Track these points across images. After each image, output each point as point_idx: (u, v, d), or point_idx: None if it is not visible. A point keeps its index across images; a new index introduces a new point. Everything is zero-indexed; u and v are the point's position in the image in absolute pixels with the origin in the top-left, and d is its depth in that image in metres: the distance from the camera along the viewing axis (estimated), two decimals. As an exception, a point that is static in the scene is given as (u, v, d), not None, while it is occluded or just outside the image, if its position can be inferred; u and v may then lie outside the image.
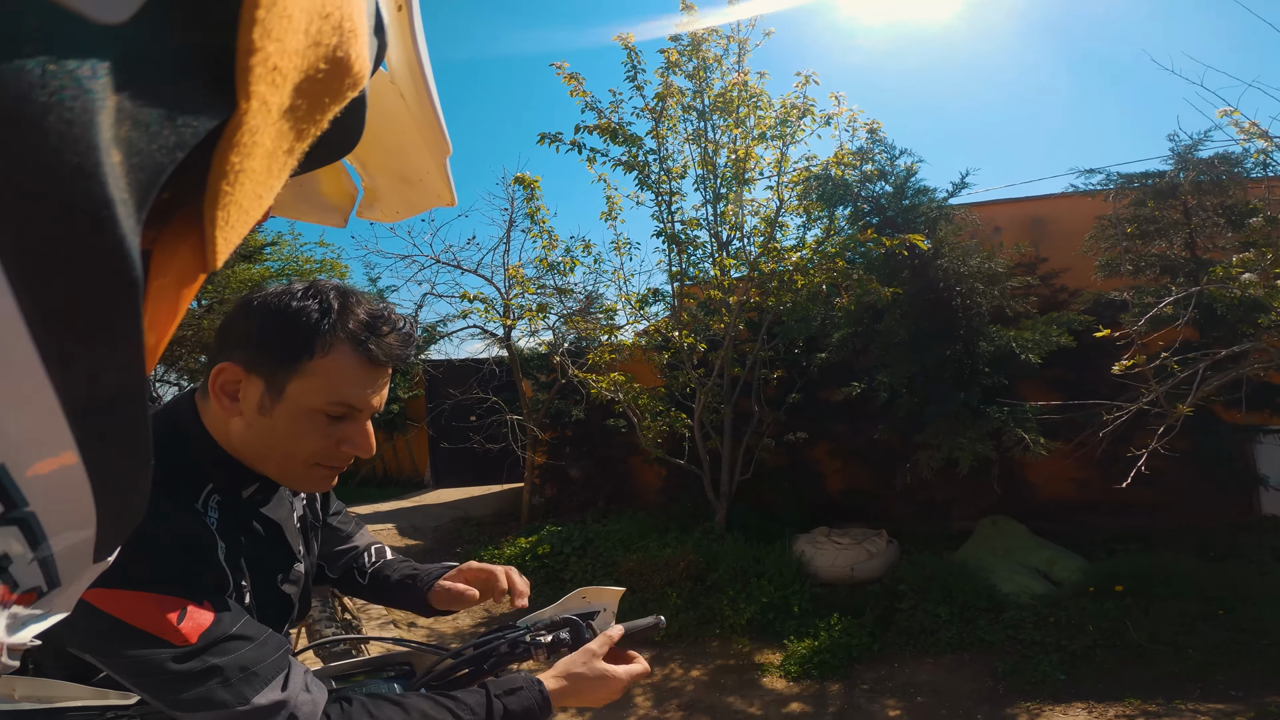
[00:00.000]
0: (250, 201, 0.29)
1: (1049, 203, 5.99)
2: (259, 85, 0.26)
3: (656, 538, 5.51)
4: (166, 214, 0.29)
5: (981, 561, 4.15)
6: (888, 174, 5.57)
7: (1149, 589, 3.47)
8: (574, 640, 0.93)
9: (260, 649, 0.71)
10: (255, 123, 0.26)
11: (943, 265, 5.24)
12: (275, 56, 0.26)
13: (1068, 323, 4.95)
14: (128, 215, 0.21)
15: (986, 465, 4.52)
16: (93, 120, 0.20)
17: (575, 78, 5.05)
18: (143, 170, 0.22)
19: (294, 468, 0.81)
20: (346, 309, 0.78)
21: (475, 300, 6.54)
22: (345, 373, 0.77)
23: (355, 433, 0.81)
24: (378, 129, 0.66)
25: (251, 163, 0.27)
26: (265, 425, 0.78)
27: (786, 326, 5.92)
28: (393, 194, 0.79)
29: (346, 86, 0.31)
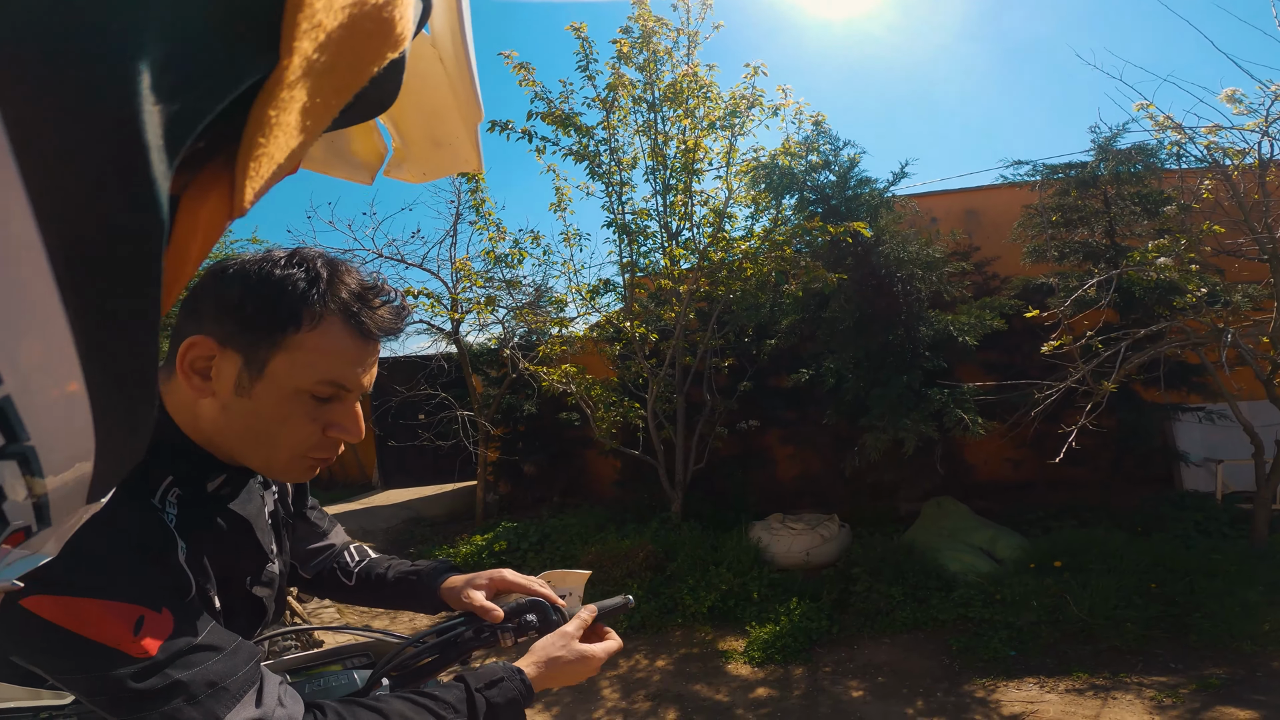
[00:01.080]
0: (282, 154, 0.29)
1: (981, 194, 6.21)
2: (302, 41, 0.26)
3: (614, 530, 5.46)
4: (200, 161, 0.29)
5: (929, 542, 4.28)
6: (832, 164, 5.65)
7: (1085, 565, 3.64)
8: (541, 623, 0.88)
9: (230, 660, 0.62)
10: (294, 78, 0.26)
11: (884, 252, 5.35)
12: (321, 13, 0.26)
13: (1000, 307, 5.14)
14: (160, 160, 0.22)
15: (929, 447, 4.65)
16: (136, 70, 0.20)
17: (525, 67, 4.87)
18: (181, 119, 0.22)
19: (279, 456, 0.71)
20: (336, 278, 0.70)
21: (421, 295, 6.28)
22: (335, 348, 0.68)
23: (344, 415, 0.72)
24: (414, 90, 0.65)
25: (287, 117, 0.28)
26: (244, 408, 0.68)
27: (736, 315, 5.93)
28: (422, 155, 0.77)
29: (388, 47, 0.31)
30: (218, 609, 0.71)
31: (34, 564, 0.26)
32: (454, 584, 0.94)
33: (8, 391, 0.21)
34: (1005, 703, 2.96)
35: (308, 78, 0.27)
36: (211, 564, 0.71)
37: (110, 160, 0.20)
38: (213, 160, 0.29)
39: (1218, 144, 3.95)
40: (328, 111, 0.30)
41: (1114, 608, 3.27)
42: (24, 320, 0.21)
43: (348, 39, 0.28)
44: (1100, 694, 2.89)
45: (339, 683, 0.80)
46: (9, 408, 0.21)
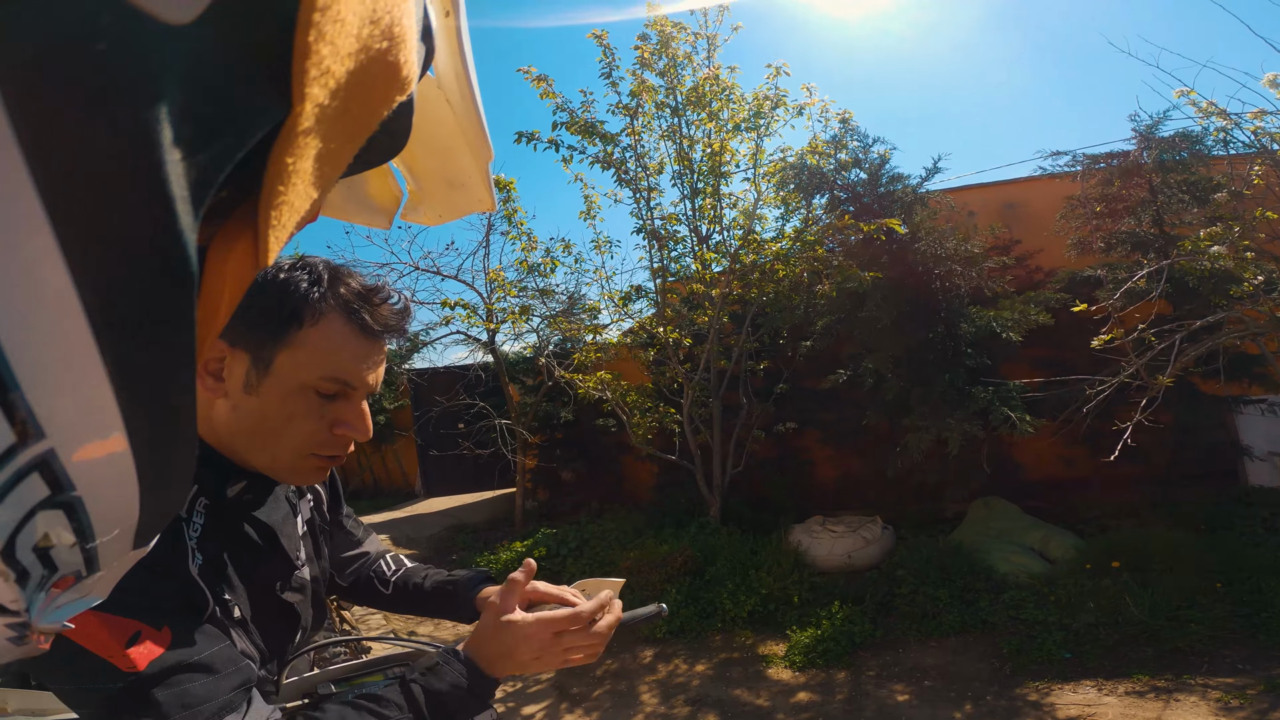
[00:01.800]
0: (302, 202, 0.29)
1: (1019, 186, 6.05)
2: (312, 88, 0.26)
3: (652, 535, 5.46)
4: (224, 211, 0.29)
5: (977, 543, 4.17)
6: (862, 162, 5.58)
7: (1145, 564, 3.49)
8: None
9: (217, 683, 0.62)
10: (309, 124, 0.27)
11: (920, 249, 5.25)
12: (329, 60, 0.26)
13: (1045, 301, 4.99)
14: (187, 212, 0.22)
15: (975, 446, 4.54)
16: (159, 118, 0.20)
17: (544, 79, 4.97)
18: (203, 169, 0.22)
19: (284, 454, 0.73)
20: (337, 279, 0.73)
21: (457, 306, 6.40)
22: (338, 343, 0.71)
23: (350, 413, 0.73)
24: (424, 133, 0.65)
25: (304, 164, 0.28)
26: (252, 406, 0.71)
27: (770, 317, 5.90)
28: (437, 197, 0.78)
29: (395, 90, 0.32)
30: (238, 618, 0.72)
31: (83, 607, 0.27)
32: (488, 594, 0.95)
33: (52, 445, 0.22)
34: (1061, 705, 2.86)
35: (321, 123, 0.27)
36: (237, 573, 0.73)
37: (139, 214, 0.20)
38: (236, 210, 0.30)
39: (1265, 129, 3.78)
40: (343, 156, 0.31)
41: (1176, 608, 3.13)
42: (64, 375, 0.21)
43: (356, 84, 0.28)
44: (1162, 696, 2.77)
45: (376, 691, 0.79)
46: (53, 460, 0.22)
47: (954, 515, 4.95)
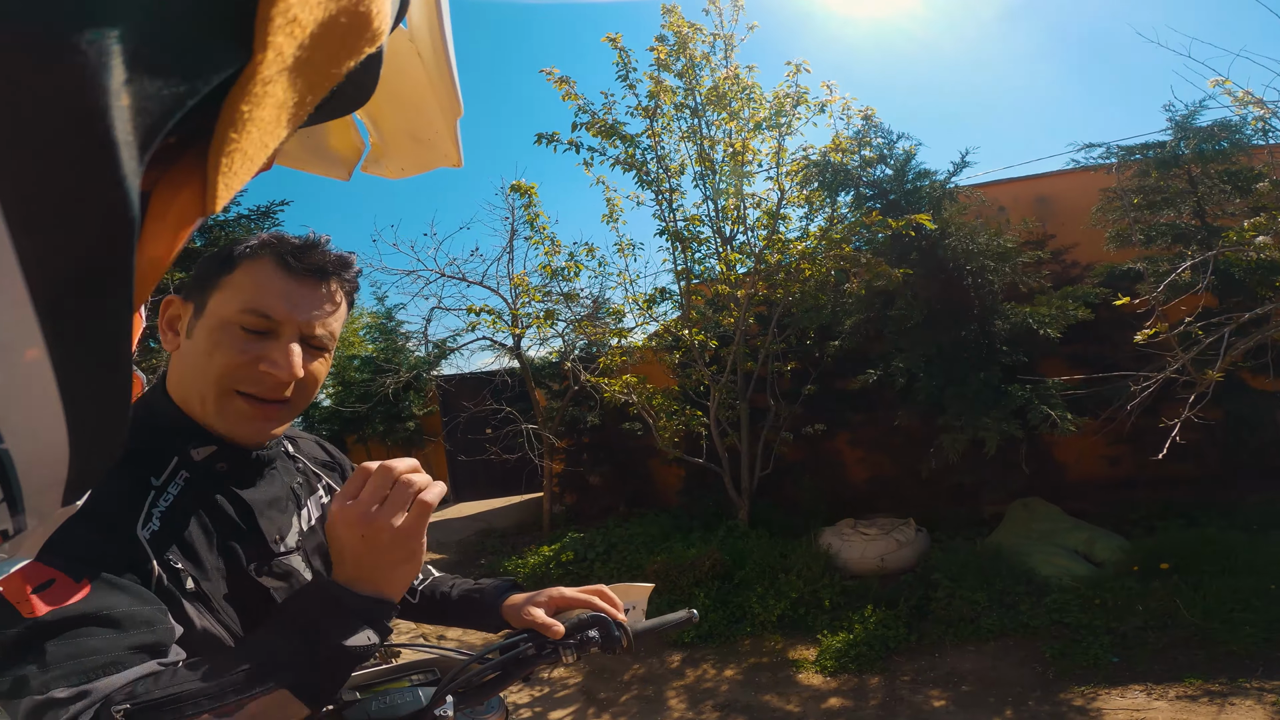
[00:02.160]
0: (256, 150, 0.29)
1: (1051, 180, 5.91)
2: (277, 36, 0.25)
3: (680, 538, 5.44)
4: (172, 157, 0.29)
5: (1017, 545, 4.05)
6: (887, 158, 5.51)
7: (1196, 566, 3.36)
8: (603, 639, 0.87)
9: (116, 640, 0.60)
10: (269, 73, 0.26)
11: (951, 245, 5.15)
12: (296, 7, 0.25)
13: (1083, 296, 4.85)
14: (130, 157, 0.21)
15: (1014, 447, 4.42)
16: (106, 64, 0.20)
17: (566, 81, 5.01)
18: (151, 114, 0.22)
19: (210, 391, 0.74)
20: (274, 236, 0.78)
21: (482, 312, 6.49)
22: (261, 280, 0.74)
23: (275, 351, 0.74)
24: (391, 85, 0.64)
25: (261, 112, 0.27)
26: (188, 349, 0.75)
27: (797, 317, 5.84)
28: (400, 151, 0.77)
29: (365, 42, 0.30)
30: (191, 589, 0.70)
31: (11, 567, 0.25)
32: (515, 602, 0.94)
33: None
34: (1108, 711, 2.76)
35: (282, 73, 0.27)
36: (209, 547, 0.73)
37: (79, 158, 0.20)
38: (184, 156, 0.29)
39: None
40: (303, 107, 0.30)
41: (1230, 610, 3.00)
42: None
43: (324, 34, 0.27)
44: (1216, 700, 2.66)
45: (404, 700, 0.80)
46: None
47: (991, 517, 4.83)
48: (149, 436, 0.76)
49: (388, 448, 10.62)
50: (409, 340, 9.78)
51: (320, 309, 0.78)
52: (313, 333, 0.78)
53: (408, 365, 8.85)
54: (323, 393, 11.35)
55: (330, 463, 1.02)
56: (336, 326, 0.81)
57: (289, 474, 0.91)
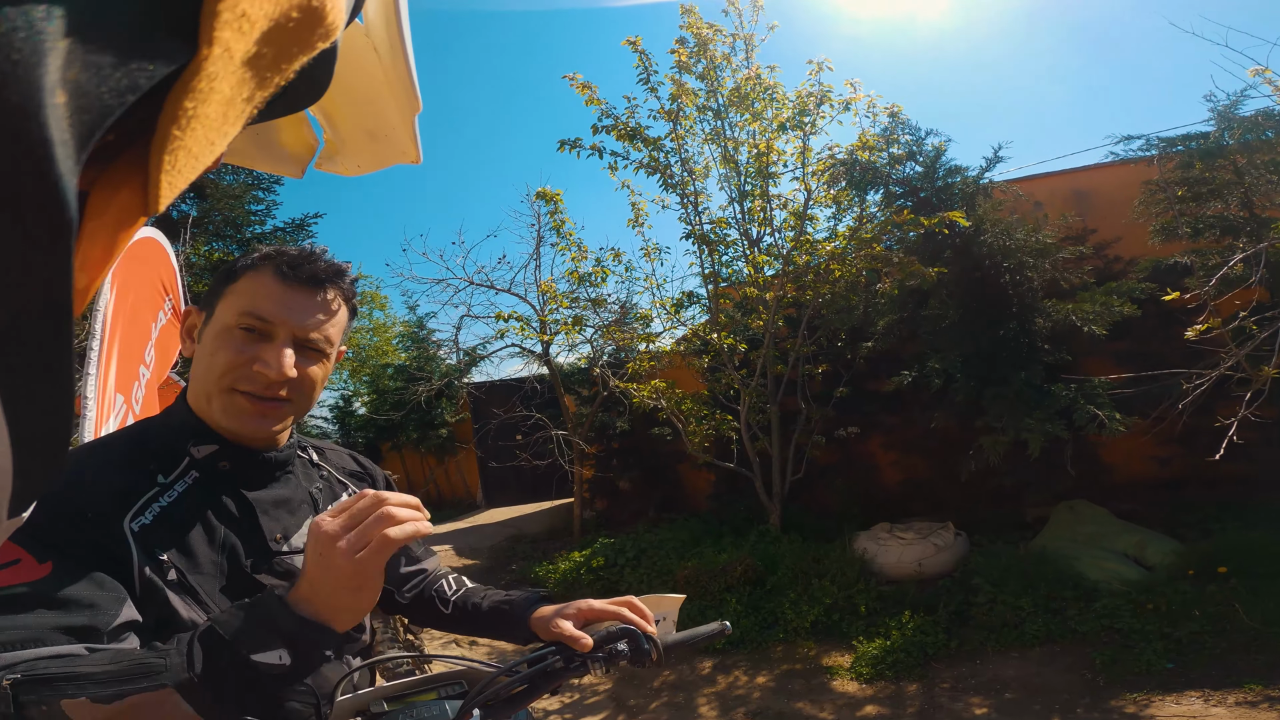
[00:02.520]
0: (201, 148, 0.28)
1: (1089, 174, 5.75)
2: (224, 31, 0.24)
3: (711, 543, 5.41)
4: (110, 155, 0.28)
5: (1063, 549, 3.92)
6: (916, 155, 5.41)
7: (1254, 569, 3.21)
8: (633, 651, 0.87)
9: (52, 618, 0.62)
10: (215, 69, 0.25)
11: (986, 241, 5.04)
12: (245, 2, 0.25)
13: (1129, 291, 4.69)
14: (66, 156, 0.21)
15: (1057, 448, 4.28)
16: (40, 61, 0.19)
17: (588, 86, 5.05)
18: (88, 112, 0.21)
19: (214, 388, 0.80)
20: (279, 251, 0.83)
21: (511, 319, 6.59)
22: (259, 288, 0.80)
23: (268, 352, 0.80)
24: (346, 81, 0.64)
25: (206, 109, 0.26)
26: (198, 353, 0.83)
27: (827, 319, 5.78)
28: (356, 148, 0.77)
29: (318, 37, 0.30)
30: (174, 580, 0.73)
31: None
32: (544, 614, 0.94)
33: None
34: (1161, 717, 2.65)
35: (229, 69, 0.26)
36: (209, 543, 0.77)
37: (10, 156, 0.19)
38: (124, 154, 0.28)
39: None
40: (252, 104, 0.29)
41: (1292, 615, 2.84)
42: None
43: (276, 28, 0.27)
44: (1277, 706, 2.52)
45: (430, 713, 0.79)
46: None
47: (1034, 520, 4.68)
48: (165, 437, 0.83)
49: (421, 455, 10.86)
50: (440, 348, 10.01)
51: (314, 315, 0.83)
52: (307, 337, 0.82)
53: (439, 373, 9.04)
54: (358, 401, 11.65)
55: (360, 473, 1.06)
56: (334, 332, 0.85)
57: (308, 479, 0.94)
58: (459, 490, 10.81)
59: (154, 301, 2.63)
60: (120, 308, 2.26)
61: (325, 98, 0.40)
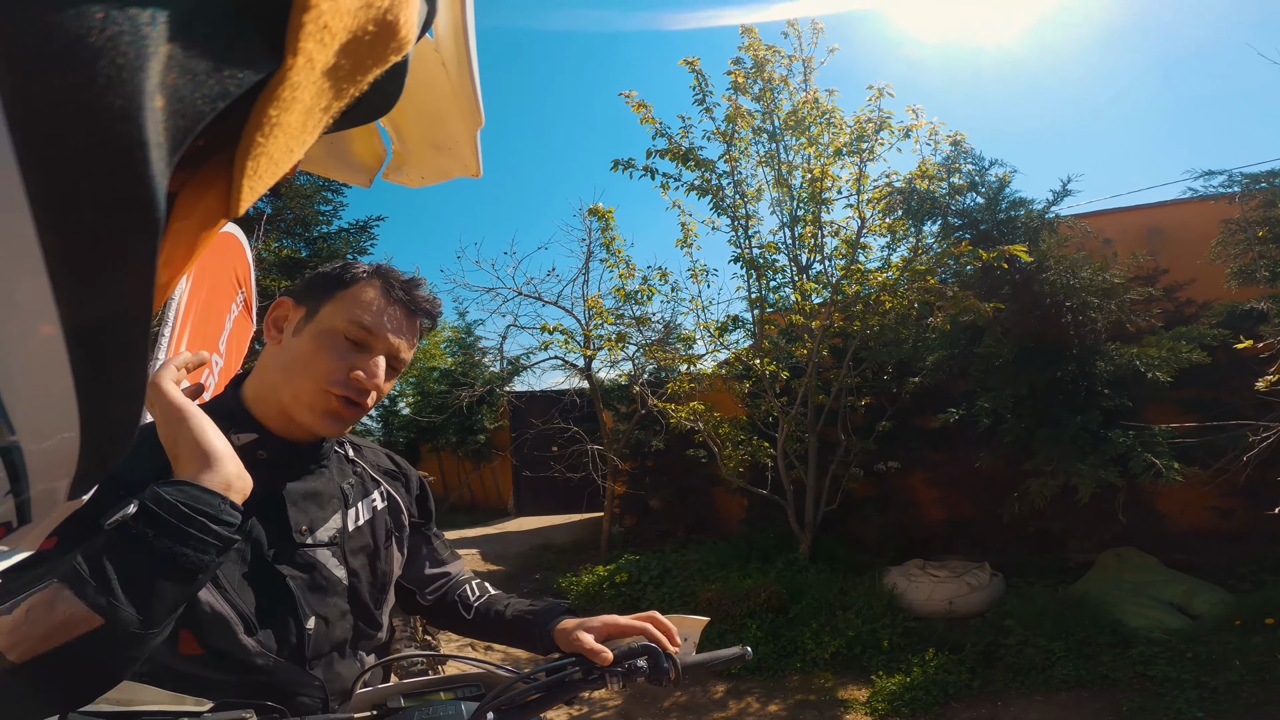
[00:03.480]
0: (281, 154, 0.29)
1: (1164, 210, 5.58)
2: (307, 42, 0.26)
3: (737, 568, 5.40)
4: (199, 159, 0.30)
5: (1104, 595, 3.77)
6: (978, 185, 5.36)
7: (1307, 622, 3.02)
8: (652, 669, 0.88)
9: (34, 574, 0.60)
10: (298, 79, 0.27)
11: (1049, 279, 4.93)
12: (327, 15, 0.26)
13: (1199, 337, 4.52)
14: (160, 158, 0.22)
15: (1109, 494, 4.14)
16: (143, 66, 0.20)
17: (644, 105, 5.22)
18: (183, 116, 0.23)
19: (307, 385, 0.86)
20: (386, 269, 0.93)
21: (556, 331, 6.76)
22: (367, 301, 0.88)
23: (367, 363, 0.87)
24: (415, 94, 0.67)
25: (288, 117, 0.28)
26: (293, 345, 0.88)
27: (874, 351, 5.73)
28: (422, 159, 0.82)
29: (391, 50, 0.32)
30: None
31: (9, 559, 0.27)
32: (566, 626, 0.97)
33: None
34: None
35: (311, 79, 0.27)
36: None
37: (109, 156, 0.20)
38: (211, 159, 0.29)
39: None
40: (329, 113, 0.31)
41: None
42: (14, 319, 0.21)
43: (353, 41, 0.28)
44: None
45: (447, 712, 0.81)
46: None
47: (1077, 565, 4.50)
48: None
49: (459, 458, 11.20)
50: (485, 355, 10.39)
51: (407, 337, 0.92)
52: (396, 354, 0.91)
53: (482, 380, 9.38)
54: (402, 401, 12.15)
55: (395, 472, 1.11)
56: (410, 356, 0.94)
57: (341, 474, 0.98)
58: (491, 496, 11.09)
59: (228, 294, 2.74)
60: (194, 298, 2.37)
61: (395, 110, 0.42)
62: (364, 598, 0.93)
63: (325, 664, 0.87)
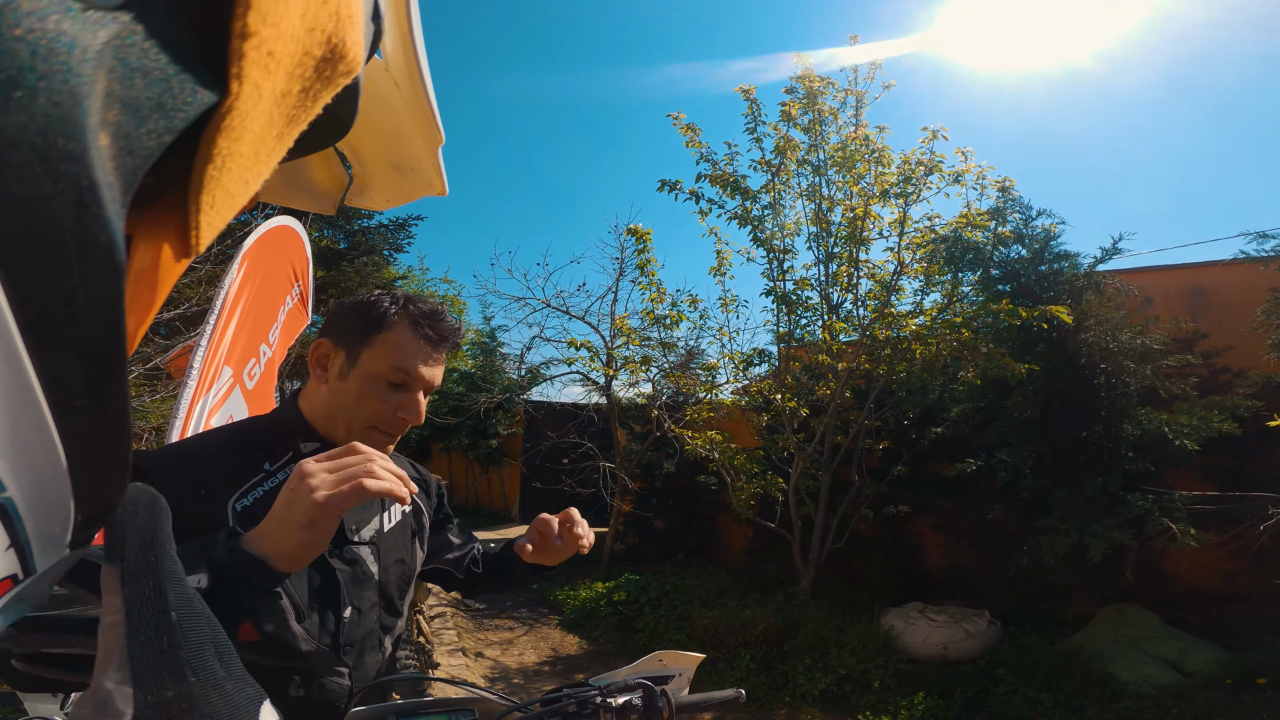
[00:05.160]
0: (237, 186, 0.29)
1: (1211, 271, 5.58)
2: (252, 70, 0.26)
3: (736, 597, 5.51)
4: (150, 197, 0.29)
5: (1100, 649, 3.83)
6: (1023, 236, 5.35)
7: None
8: (646, 706, 0.91)
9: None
10: (246, 107, 0.27)
11: (1087, 339, 4.96)
12: (270, 41, 0.26)
13: (1232, 407, 4.58)
14: (113, 200, 0.22)
15: (1119, 552, 4.19)
16: (81, 103, 0.20)
17: (692, 129, 5.41)
18: (130, 154, 0.23)
19: (357, 425, 1.00)
20: (410, 302, 1.05)
21: (581, 348, 6.99)
22: (405, 345, 1.01)
23: (410, 402, 1.01)
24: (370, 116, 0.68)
25: (240, 147, 0.28)
26: (342, 389, 1.01)
27: (898, 397, 5.80)
28: (384, 181, 0.84)
29: (340, 73, 0.32)
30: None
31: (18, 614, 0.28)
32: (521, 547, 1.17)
33: None
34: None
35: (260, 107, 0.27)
36: None
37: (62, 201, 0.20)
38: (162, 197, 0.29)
39: None
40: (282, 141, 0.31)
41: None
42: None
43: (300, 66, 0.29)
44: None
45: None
46: None
47: (1077, 619, 4.55)
48: (276, 433, 1.02)
49: (469, 461, 11.54)
50: (506, 361, 10.73)
51: (440, 368, 1.07)
52: (432, 385, 1.05)
53: (501, 386, 9.70)
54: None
55: (419, 479, 1.28)
56: (440, 378, 1.08)
57: None
58: (497, 501, 11.37)
59: (284, 286, 2.86)
60: (245, 287, 2.49)
61: (351, 133, 0.43)
62: (390, 591, 1.08)
63: (356, 652, 1.00)
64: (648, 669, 1.01)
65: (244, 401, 2.47)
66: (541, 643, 5.74)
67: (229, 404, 2.36)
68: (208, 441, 1.01)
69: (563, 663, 5.29)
